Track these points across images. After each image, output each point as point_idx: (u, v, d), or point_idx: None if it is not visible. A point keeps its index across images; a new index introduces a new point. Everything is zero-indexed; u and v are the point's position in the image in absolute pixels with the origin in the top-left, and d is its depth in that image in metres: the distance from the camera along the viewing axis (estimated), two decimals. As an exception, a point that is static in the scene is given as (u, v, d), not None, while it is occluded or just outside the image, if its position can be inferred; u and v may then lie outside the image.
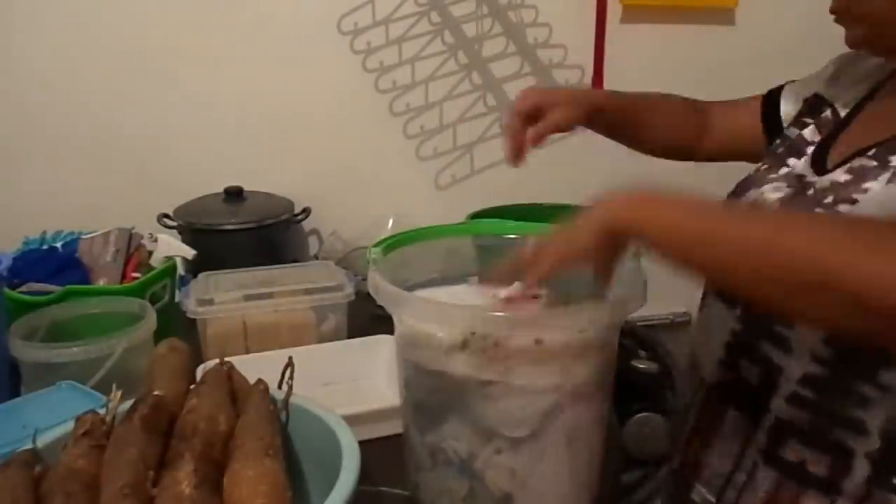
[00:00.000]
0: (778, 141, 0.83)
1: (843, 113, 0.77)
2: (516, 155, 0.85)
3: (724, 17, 1.68)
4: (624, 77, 1.64)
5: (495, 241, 0.86)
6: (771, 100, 0.91)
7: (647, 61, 1.65)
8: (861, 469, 0.64)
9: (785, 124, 0.87)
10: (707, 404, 0.78)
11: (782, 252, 0.53)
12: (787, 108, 0.88)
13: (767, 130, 0.90)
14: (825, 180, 0.69)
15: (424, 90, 1.57)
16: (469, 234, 0.89)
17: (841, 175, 0.67)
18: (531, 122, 0.85)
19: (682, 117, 0.98)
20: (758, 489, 0.70)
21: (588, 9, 1.59)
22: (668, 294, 1.12)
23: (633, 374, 1.10)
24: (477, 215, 1.38)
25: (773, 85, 0.92)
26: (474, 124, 1.62)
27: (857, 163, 0.67)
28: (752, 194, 0.77)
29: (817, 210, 0.67)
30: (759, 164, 0.82)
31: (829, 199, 0.66)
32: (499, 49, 1.60)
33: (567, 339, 0.65)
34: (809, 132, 0.78)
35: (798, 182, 0.73)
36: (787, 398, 0.68)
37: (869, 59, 0.79)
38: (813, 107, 0.82)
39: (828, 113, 0.79)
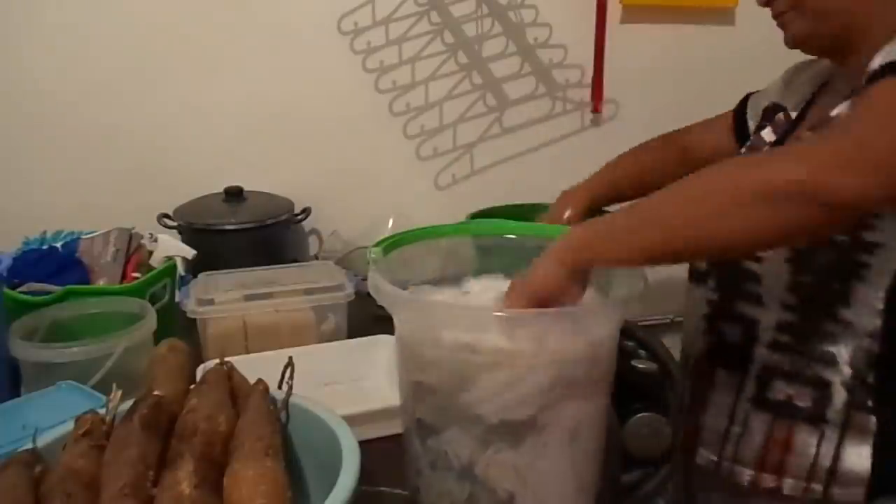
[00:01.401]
0: (743, 146, 0.93)
1: (793, 115, 0.87)
2: None
3: (724, 17, 1.68)
4: (624, 77, 1.64)
5: (495, 241, 0.86)
6: (739, 114, 1.02)
7: (647, 61, 1.65)
8: (839, 396, 0.73)
9: (751, 133, 0.97)
10: (696, 374, 0.86)
11: (702, 188, 0.60)
12: (751, 119, 0.99)
13: (739, 141, 1.00)
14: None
15: (424, 90, 1.57)
16: (469, 234, 0.89)
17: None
18: None
19: (664, 162, 1.07)
20: (754, 435, 0.78)
21: (588, 9, 1.59)
22: (668, 294, 1.12)
23: (633, 374, 1.10)
24: (477, 215, 1.38)
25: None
26: (474, 124, 1.62)
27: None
28: None
29: None
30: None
31: None
32: (499, 49, 1.60)
33: (567, 339, 0.65)
34: (766, 133, 0.89)
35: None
36: (768, 345, 0.77)
37: (812, 66, 0.90)
38: (769, 113, 0.92)
39: (781, 115, 0.89)
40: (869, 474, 0.73)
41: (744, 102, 1.03)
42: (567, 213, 1.05)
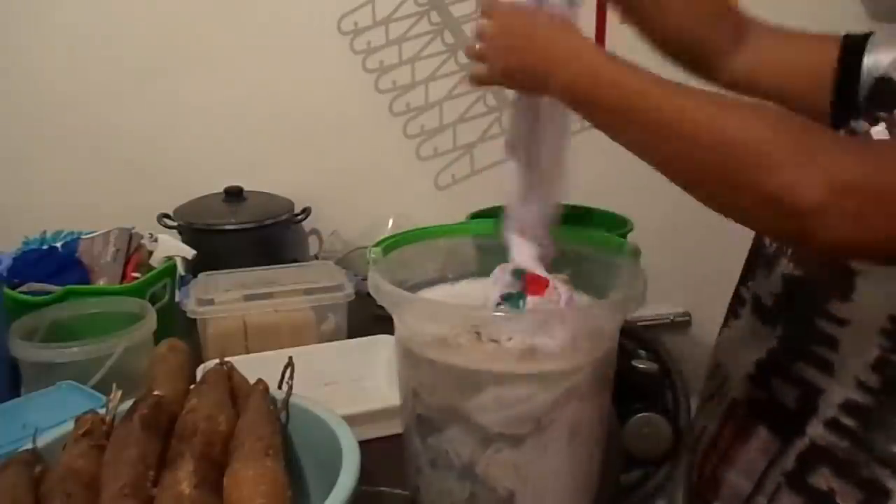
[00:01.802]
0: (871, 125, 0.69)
1: None
2: None
3: (724, 17, 1.68)
4: (624, 77, 1.64)
5: (495, 241, 0.86)
6: (847, 68, 0.72)
7: (647, 61, 1.64)
8: None
9: (861, 109, 0.70)
10: (731, 420, 0.74)
11: (706, 135, 0.53)
12: (865, 87, 0.70)
13: (840, 81, 0.72)
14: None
15: (424, 90, 1.57)
16: (469, 234, 0.89)
17: None
18: None
19: (719, 5, 0.81)
20: None
21: (588, 9, 1.59)
22: (668, 294, 1.12)
23: (633, 374, 1.10)
24: (477, 215, 1.38)
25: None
26: (474, 124, 1.62)
27: None
28: None
29: None
30: None
31: None
32: (499, 49, 1.59)
33: (567, 339, 0.65)
34: (880, 130, 0.66)
35: None
36: (826, 423, 0.64)
37: None
38: (886, 96, 0.68)
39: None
40: None
41: (859, 48, 0.71)
42: None
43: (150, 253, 1.18)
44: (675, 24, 0.82)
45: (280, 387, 0.71)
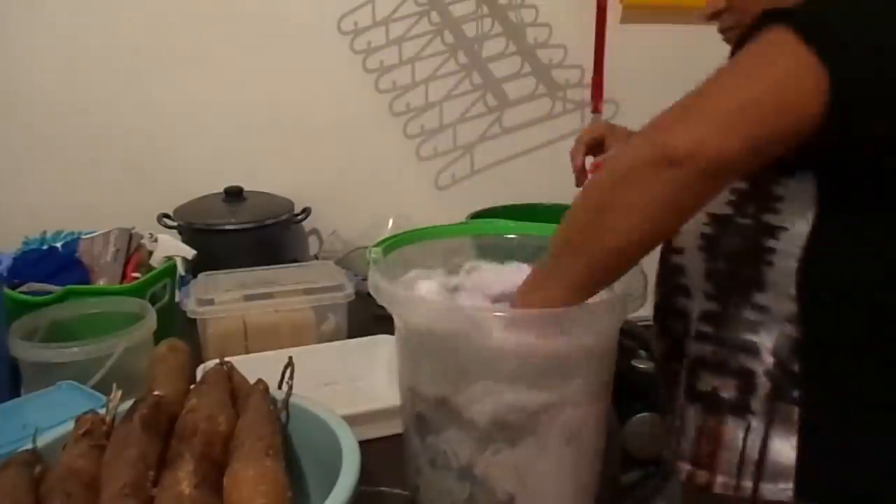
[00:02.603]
0: None
1: None
2: (578, 178, 1.06)
3: (724, 17, 1.68)
4: (624, 77, 1.64)
5: (495, 241, 0.86)
6: None
7: (647, 61, 1.65)
8: (762, 386, 0.69)
9: None
10: (659, 375, 0.85)
11: (588, 206, 0.63)
12: None
13: None
14: None
15: (424, 90, 1.57)
16: (469, 234, 0.89)
17: None
18: (592, 152, 1.05)
19: None
20: (688, 429, 0.75)
21: (588, 9, 1.59)
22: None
23: (633, 374, 1.10)
24: (477, 215, 1.38)
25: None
26: (474, 124, 1.62)
27: None
28: None
29: None
30: None
31: None
32: (499, 49, 1.60)
33: (567, 339, 0.65)
34: None
35: None
36: (695, 336, 0.74)
37: None
38: None
39: None
40: (795, 467, 0.70)
41: None
42: None
43: (150, 253, 1.18)
44: None
45: (280, 387, 0.71)
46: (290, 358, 0.72)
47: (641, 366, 1.11)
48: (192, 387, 0.69)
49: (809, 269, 0.66)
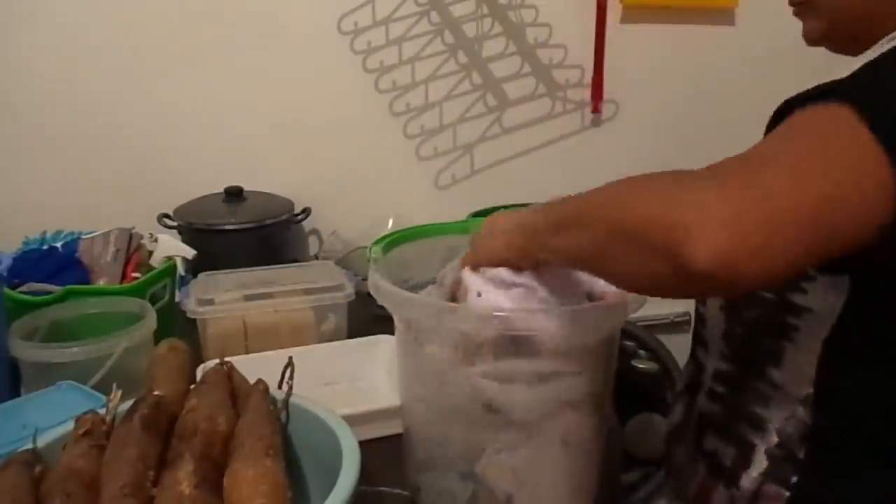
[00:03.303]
0: None
1: None
2: None
3: (724, 17, 1.68)
4: (624, 77, 1.64)
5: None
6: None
7: (647, 61, 1.65)
8: (759, 463, 0.66)
9: None
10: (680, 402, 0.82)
11: (584, 217, 0.56)
12: None
13: None
14: None
15: (424, 90, 1.57)
16: (469, 233, 0.89)
17: None
18: None
19: None
20: (694, 479, 0.74)
21: (588, 9, 1.59)
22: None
23: (633, 374, 1.10)
24: (477, 215, 1.38)
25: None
26: (474, 124, 1.62)
27: None
28: None
29: None
30: None
31: None
32: (499, 49, 1.60)
33: (567, 340, 0.65)
34: None
35: None
36: (707, 393, 0.73)
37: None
38: None
39: None
40: None
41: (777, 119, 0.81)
42: None
43: (150, 253, 1.18)
44: None
45: (280, 387, 0.71)
46: (290, 358, 0.72)
47: (641, 366, 1.11)
48: (192, 387, 0.69)
49: (832, 353, 0.61)
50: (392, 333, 0.75)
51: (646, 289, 0.56)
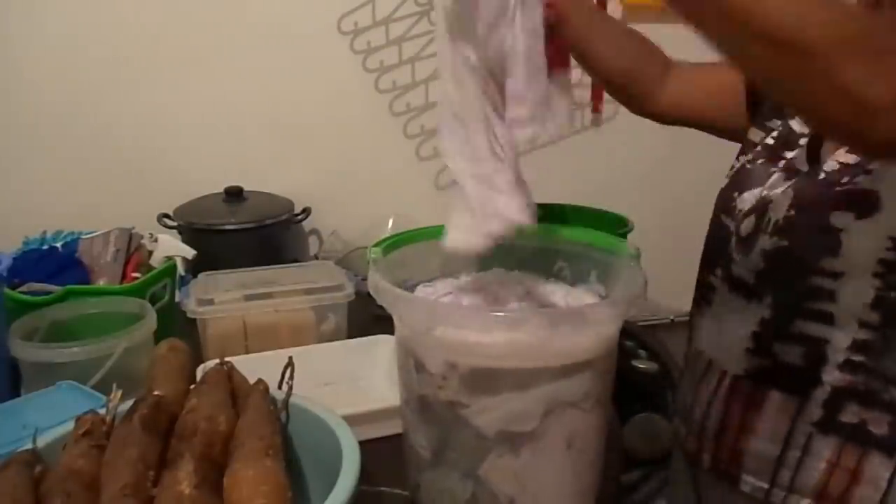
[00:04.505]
0: (765, 134, 0.81)
1: None
2: None
3: (724, 17, 1.68)
4: (624, 77, 1.64)
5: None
6: None
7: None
8: None
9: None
10: (736, 396, 0.77)
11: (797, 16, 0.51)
12: None
13: (752, 100, 0.85)
14: (831, 164, 0.69)
15: (424, 90, 1.57)
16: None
17: (832, 166, 0.69)
18: None
19: (649, 48, 0.94)
20: (816, 461, 0.71)
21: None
22: (668, 294, 1.12)
23: (633, 374, 1.10)
24: (477, 215, 1.38)
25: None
26: (474, 124, 1.62)
27: (842, 156, 0.68)
28: (756, 192, 0.76)
29: (836, 190, 0.67)
30: (752, 157, 0.81)
31: (846, 179, 0.67)
32: (499, 49, 1.59)
33: (567, 340, 0.65)
34: (798, 123, 0.78)
35: (797, 173, 0.74)
36: (840, 366, 0.69)
37: None
38: None
39: None
40: None
41: None
42: None
43: (150, 253, 1.18)
44: (610, 63, 0.92)
45: (280, 387, 0.71)
46: (290, 358, 0.72)
47: (641, 366, 1.11)
48: (192, 387, 0.69)
49: None
50: (392, 333, 0.75)
51: (804, 111, 0.56)
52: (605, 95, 1.64)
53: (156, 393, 0.66)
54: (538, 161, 0.89)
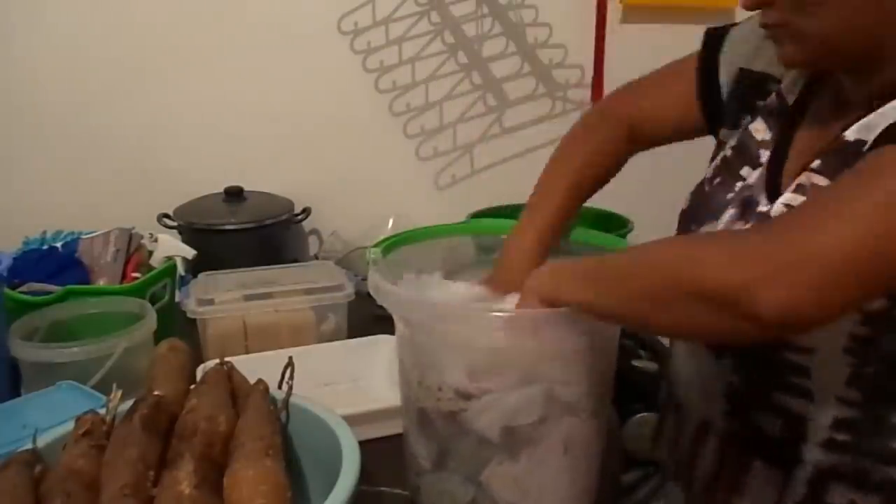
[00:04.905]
0: (726, 138, 0.77)
1: (790, 100, 0.71)
2: None
3: (724, 17, 1.68)
4: (624, 77, 1.64)
5: (495, 241, 0.86)
6: (706, 73, 0.81)
7: (647, 61, 1.63)
8: None
9: (724, 97, 0.79)
10: (726, 453, 0.73)
11: (647, 272, 0.57)
12: (726, 85, 0.79)
13: (709, 115, 0.81)
14: (779, 207, 0.65)
15: (424, 90, 1.57)
16: (469, 234, 0.89)
17: (794, 199, 0.63)
18: None
19: (609, 155, 0.90)
20: None
21: (588, 9, 1.59)
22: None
23: (633, 374, 1.10)
24: (477, 215, 1.38)
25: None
26: (474, 124, 1.62)
27: (804, 178, 0.63)
28: (709, 227, 0.72)
29: None
30: (713, 171, 0.76)
31: None
32: (499, 49, 1.60)
33: (567, 341, 0.65)
34: (758, 127, 0.72)
35: (753, 211, 0.68)
36: (822, 445, 0.65)
37: None
38: (755, 86, 0.75)
39: (773, 98, 0.72)
40: None
41: (711, 53, 0.80)
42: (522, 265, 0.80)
43: (150, 253, 1.18)
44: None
45: (280, 387, 0.71)
46: (290, 358, 0.72)
47: (641, 366, 1.11)
48: (192, 387, 0.69)
49: None
50: (392, 333, 0.75)
51: (704, 338, 0.61)
52: (605, 95, 1.64)
53: (156, 393, 0.66)
54: (538, 161, 0.89)
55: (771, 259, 0.50)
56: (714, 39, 0.81)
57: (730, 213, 0.70)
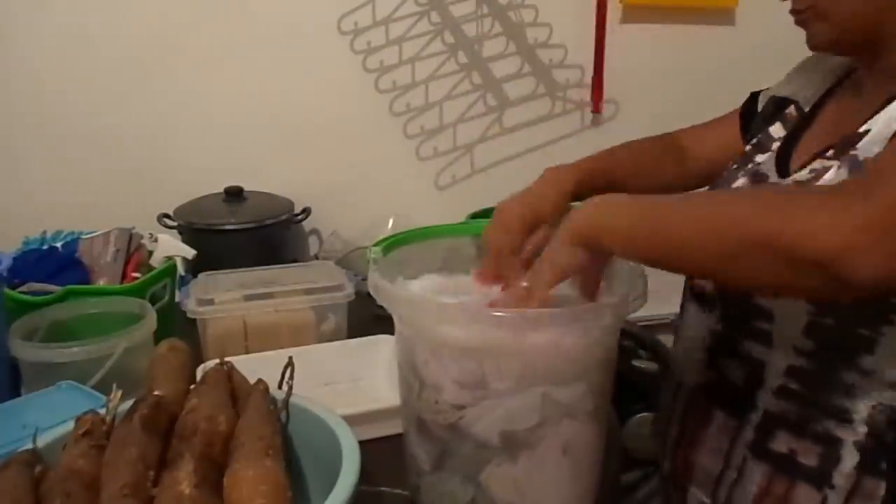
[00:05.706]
0: (749, 143, 0.84)
1: (806, 108, 0.78)
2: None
3: (724, 17, 1.68)
4: (624, 77, 1.64)
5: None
6: (748, 114, 0.90)
7: (647, 61, 1.65)
8: (850, 458, 0.65)
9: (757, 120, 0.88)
10: (691, 406, 0.79)
11: (718, 220, 0.55)
12: (767, 94, 0.89)
13: (745, 130, 0.89)
14: (787, 182, 0.70)
15: (424, 90, 1.57)
16: (469, 234, 0.89)
17: (803, 175, 0.68)
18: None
19: (660, 161, 0.95)
20: (749, 484, 0.71)
21: (588, 9, 1.59)
22: (669, 294, 1.11)
23: (633, 374, 1.10)
24: (477, 215, 1.38)
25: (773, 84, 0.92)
26: (474, 124, 1.62)
27: (818, 164, 0.67)
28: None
29: None
30: (733, 162, 0.83)
31: None
32: (499, 49, 1.60)
33: (567, 341, 0.65)
34: (775, 129, 0.79)
35: (761, 180, 0.75)
36: (775, 391, 0.69)
37: (830, 58, 0.80)
38: (778, 104, 0.83)
39: (791, 109, 0.80)
40: None
41: (752, 101, 0.91)
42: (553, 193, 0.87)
43: (150, 253, 1.18)
44: (636, 187, 0.90)
45: (280, 387, 0.71)
46: (290, 358, 0.72)
47: (641, 366, 1.11)
48: (192, 387, 0.69)
49: None
50: (392, 333, 0.75)
51: (778, 294, 0.60)
52: (605, 95, 1.64)
53: (156, 393, 0.66)
54: (538, 161, 0.89)
55: (874, 225, 0.48)
56: (752, 97, 0.92)
57: (740, 181, 0.76)
